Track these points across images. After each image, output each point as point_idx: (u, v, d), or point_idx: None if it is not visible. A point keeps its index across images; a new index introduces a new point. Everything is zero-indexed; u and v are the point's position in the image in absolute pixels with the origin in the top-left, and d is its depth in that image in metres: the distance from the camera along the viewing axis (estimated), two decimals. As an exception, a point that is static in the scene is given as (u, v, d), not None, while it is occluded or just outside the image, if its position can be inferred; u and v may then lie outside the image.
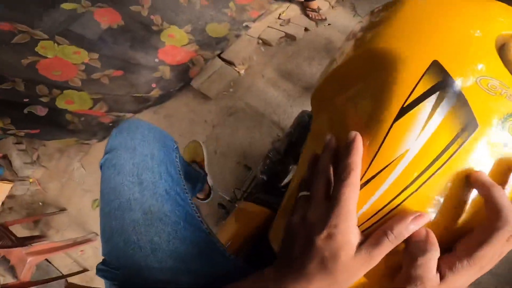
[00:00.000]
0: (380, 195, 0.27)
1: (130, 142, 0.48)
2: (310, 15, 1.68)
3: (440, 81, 0.27)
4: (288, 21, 1.69)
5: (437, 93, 0.27)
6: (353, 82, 0.34)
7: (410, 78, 0.28)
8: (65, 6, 1.26)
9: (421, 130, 0.27)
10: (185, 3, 1.56)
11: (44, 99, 1.30)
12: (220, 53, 1.58)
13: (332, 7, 1.78)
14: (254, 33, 1.67)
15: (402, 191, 0.26)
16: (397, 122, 0.27)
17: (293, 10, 1.76)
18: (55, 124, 1.40)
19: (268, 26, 1.69)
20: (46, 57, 1.25)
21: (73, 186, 1.46)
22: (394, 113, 0.28)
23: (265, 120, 1.39)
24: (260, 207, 0.60)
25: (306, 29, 1.67)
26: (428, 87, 0.27)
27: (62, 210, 1.42)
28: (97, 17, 1.34)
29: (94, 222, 1.38)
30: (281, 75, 1.53)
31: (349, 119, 0.33)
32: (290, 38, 1.66)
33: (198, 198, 1.22)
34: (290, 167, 0.75)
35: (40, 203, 1.45)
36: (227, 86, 1.50)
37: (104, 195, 0.47)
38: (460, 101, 0.27)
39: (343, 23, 1.71)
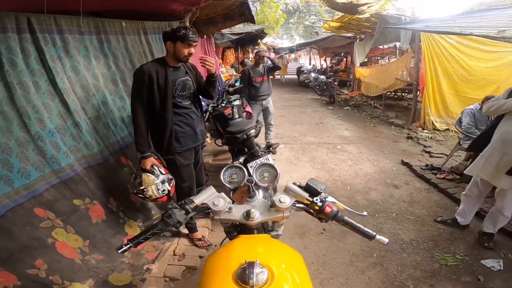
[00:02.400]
0: None
1: None
2: (199, 244, 2.12)
3: None
4: (183, 255, 2.05)
5: None
6: None
7: None
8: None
9: None
10: (80, 261, 1.70)
11: None
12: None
13: (212, 230, 2.33)
14: (158, 273, 1.91)
15: None
16: None
17: (184, 243, 2.17)
18: None
19: (169, 264, 1.97)
20: None
21: None
22: None
23: None
24: None
25: (200, 257, 2.05)
26: None
27: None
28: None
29: None
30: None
31: None
32: (191, 268, 1.97)
33: None
34: None
35: None
36: None
37: None
38: None
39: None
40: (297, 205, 0.93)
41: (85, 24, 2.01)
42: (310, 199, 0.90)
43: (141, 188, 1.78)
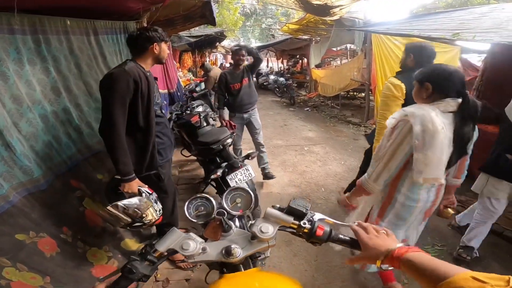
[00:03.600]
0: None
1: None
2: (182, 266, 1.89)
3: None
4: (167, 280, 1.81)
5: None
6: None
7: None
8: None
9: None
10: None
11: None
12: None
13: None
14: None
15: None
16: None
17: (165, 267, 1.92)
18: None
19: (151, 290, 1.71)
20: None
21: None
22: None
23: None
24: None
25: (186, 280, 1.82)
26: None
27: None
28: None
29: None
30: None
31: None
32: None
33: None
34: None
35: None
36: None
37: None
38: None
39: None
40: (282, 229, 0.84)
41: (17, 21, 1.63)
42: (296, 222, 0.81)
43: (139, 215, 1.50)
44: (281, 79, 9.84)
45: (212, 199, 0.93)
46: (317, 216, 0.82)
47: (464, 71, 6.81)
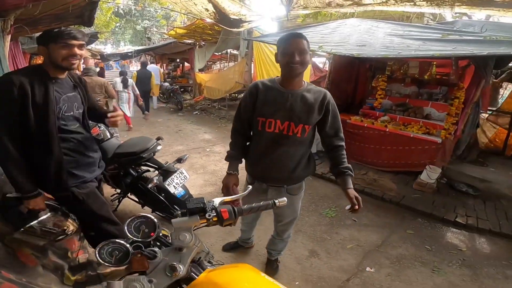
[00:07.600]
0: None
1: None
2: None
3: None
4: None
5: None
6: None
7: None
8: None
9: None
10: None
11: None
12: None
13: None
14: None
15: None
16: None
17: None
18: None
19: None
20: None
21: None
22: None
23: None
24: None
25: None
26: None
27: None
28: None
29: None
30: None
31: None
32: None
33: None
34: None
35: None
36: None
37: None
38: None
39: None
40: (198, 228, 0.90)
41: None
42: (204, 217, 0.86)
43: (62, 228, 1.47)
44: (166, 84, 9.47)
45: (121, 241, 0.84)
46: (216, 201, 0.91)
47: (312, 72, 8.83)
